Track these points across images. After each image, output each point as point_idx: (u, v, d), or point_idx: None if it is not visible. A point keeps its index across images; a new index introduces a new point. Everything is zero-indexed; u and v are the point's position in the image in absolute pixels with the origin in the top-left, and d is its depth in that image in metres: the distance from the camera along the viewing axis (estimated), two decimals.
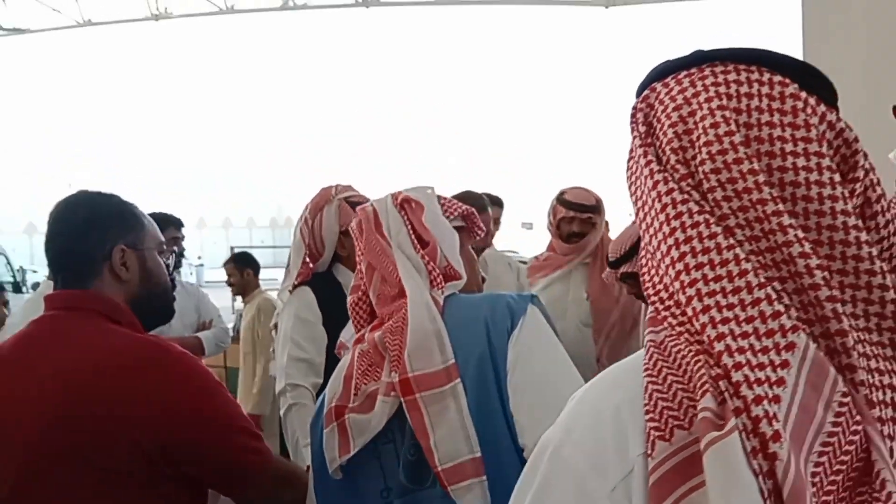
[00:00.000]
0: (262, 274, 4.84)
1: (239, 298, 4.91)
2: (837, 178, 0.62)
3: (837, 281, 0.60)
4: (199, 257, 37.45)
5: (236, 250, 4.95)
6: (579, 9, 12.44)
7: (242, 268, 4.76)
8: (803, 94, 0.64)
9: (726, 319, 0.58)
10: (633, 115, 0.71)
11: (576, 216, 2.90)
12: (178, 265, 3.51)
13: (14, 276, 12.65)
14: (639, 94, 0.72)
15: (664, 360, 0.61)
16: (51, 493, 1.26)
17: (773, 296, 0.58)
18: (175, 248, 3.00)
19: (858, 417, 0.56)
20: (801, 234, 0.60)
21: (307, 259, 2.43)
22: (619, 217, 2.96)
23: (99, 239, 1.39)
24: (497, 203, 3.85)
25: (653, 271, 0.66)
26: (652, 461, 0.56)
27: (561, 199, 2.95)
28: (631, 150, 0.70)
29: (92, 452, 1.24)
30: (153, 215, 1.64)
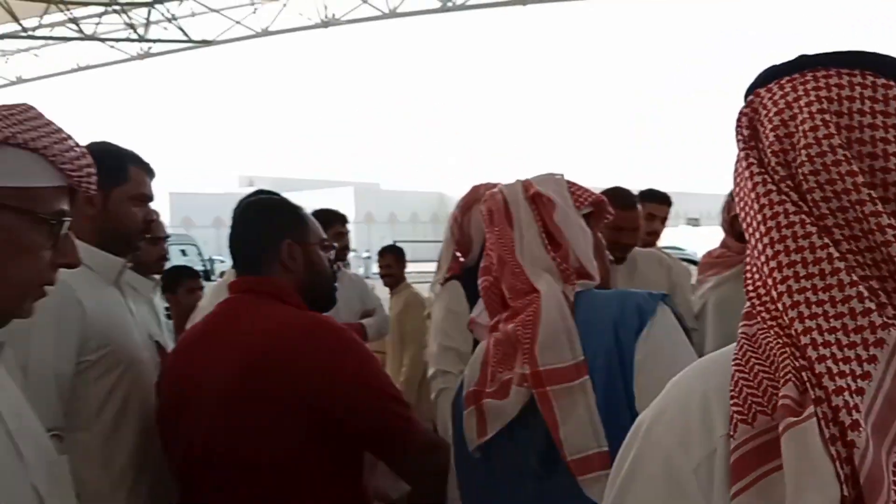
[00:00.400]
0: (424, 267, 4.92)
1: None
2: None
3: None
4: (367, 251, 39.22)
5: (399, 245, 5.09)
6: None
7: (396, 260, 4.87)
8: None
9: (815, 315, 0.61)
10: (738, 120, 0.72)
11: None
12: (340, 258, 3.72)
13: (204, 265, 13.90)
14: (745, 98, 0.73)
15: (753, 351, 0.64)
16: (236, 439, 1.47)
17: (865, 294, 0.60)
18: (336, 244, 3.18)
19: None
20: None
21: (457, 254, 2.52)
22: None
23: (270, 235, 1.61)
24: (664, 201, 3.67)
25: (753, 269, 0.68)
26: (734, 442, 0.60)
27: None
28: (737, 156, 0.72)
29: (268, 408, 1.45)
30: (322, 212, 1.78)
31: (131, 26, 15.34)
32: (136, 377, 1.68)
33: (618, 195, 2.92)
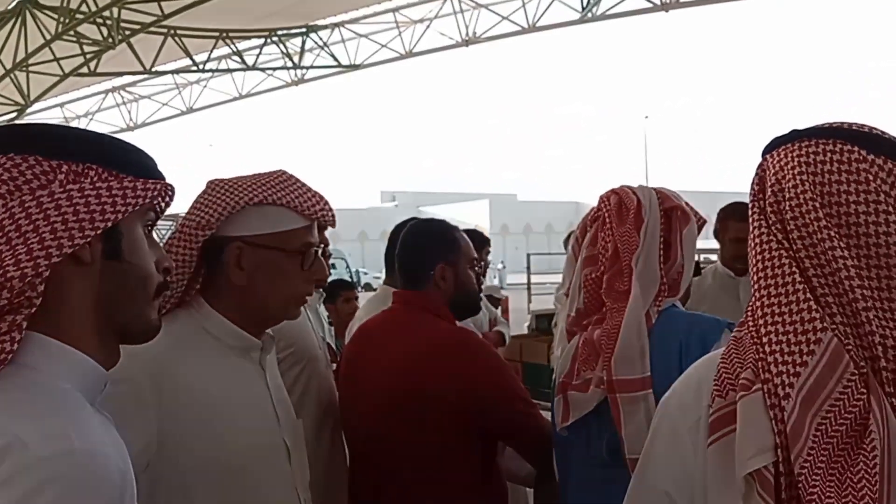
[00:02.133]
0: (558, 278, 5.11)
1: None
2: (893, 217, 0.84)
3: (884, 295, 0.83)
4: (503, 262, 39.49)
5: (533, 257, 5.30)
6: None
7: None
8: (870, 157, 0.87)
9: (776, 322, 0.86)
10: (753, 179, 0.97)
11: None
12: (483, 274, 4.07)
13: (351, 277, 14.66)
14: (762, 157, 0.99)
15: (736, 348, 0.90)
16: (399, 426, 1.80)
17: (815, 307, 0.84)
18: (483, 262, 3.56)
19: (864, 390, 0.80)
20: (850, 262, 0.83)
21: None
22: None
23: (428, 259, 1.94)
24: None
25: (752, 287, 0.91)
26: (711, 409, 0.88)
27: None
28: (750, 204, 0.97)
29: (421, 408, 1.78)
30: (469, 233, 2.17)
31: (287, 55, 16.55)
32: (314, 370, 2.07)
33: (738, 209, 3.08)
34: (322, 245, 1.52)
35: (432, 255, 1.93)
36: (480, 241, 4.20)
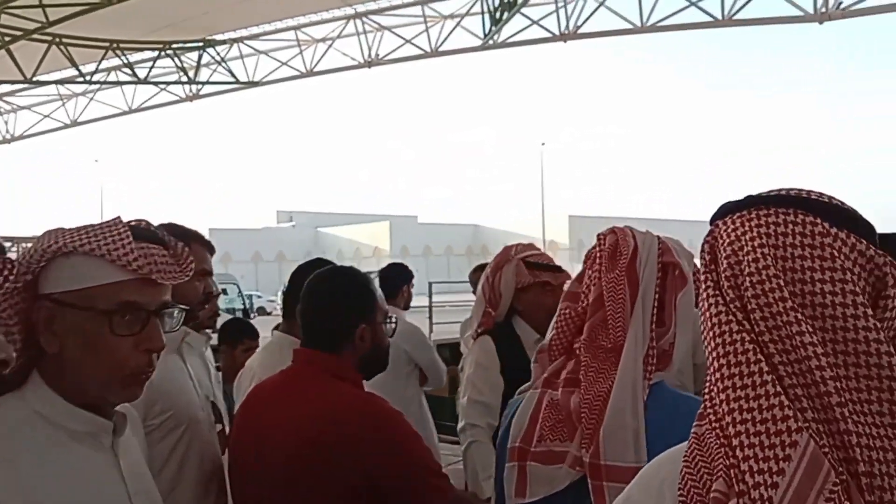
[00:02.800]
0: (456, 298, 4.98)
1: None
2: (860, 299, 0.75)
3: (852, 385, 0.73)
4: None
5: (434, 281, 5.14)
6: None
7: None
8: (833, 231, 0.78)
9: (745, 420, 0.74)
10: (702, 246, 0.88)
11: None
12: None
13: (244, 302, 14.18)
14: (710, 223, 0.89)
15: (699, 449, 0.79)
16: (295, 500, 1.64)
17: (786, 402, 0.73)
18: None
19: (847, 503, 0.69)
20: (819, 350, 0.73)
21: (488, 309, 2.71)
22: None
23: (347, 320, 1.75)
24: None
25: (708, 374, 0.81)
26: None
27: None
28: (701, 275, 0.87)
29: (320, 478, 1.61)
30: (393, 269, 1.94)
31: (182, 69, 16.05)
32: (196, 434, 1.86)
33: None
34: (169, 304, 1.22)
35: (351, 315, 1.75)
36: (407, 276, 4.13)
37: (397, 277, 4.22)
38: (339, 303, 1.77)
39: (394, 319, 1.85)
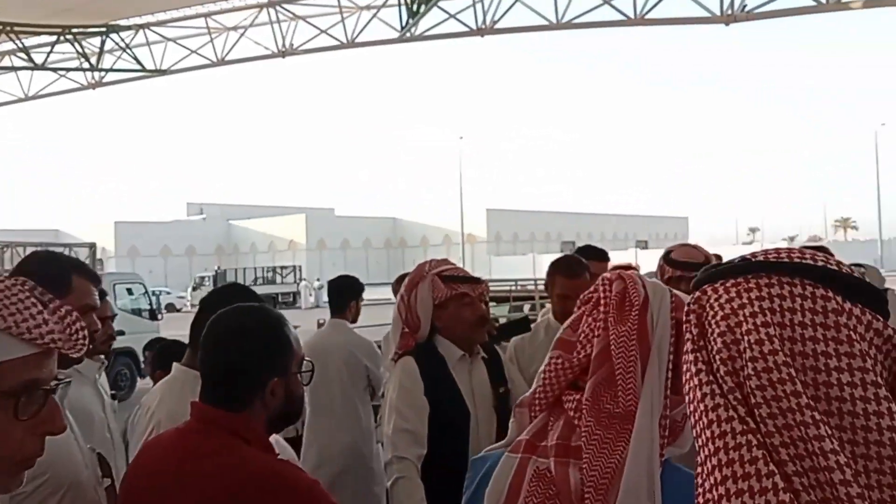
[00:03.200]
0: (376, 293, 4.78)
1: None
2: (883, 392, 0.63)
3: (875, 497, 0.61)
4: (318, 279, 38.89)
5: (351, 273, 4.91)
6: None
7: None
8: (847, 306, 0.66)
9: None
10: (686, 315, 0.73)
11: (683, 275, 2.54)
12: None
13: (151, 304, 13.19)
14: (693, 290, 0.75)
15: None
16: None
17: None
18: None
19: None
20: (842, 459, 0.61)
21: (406, 330, 2.58)
22: None
23: (258, 374, 1.50)
24: (603, 258, 3.67)
25: (700, 469, 0.67)
26: None
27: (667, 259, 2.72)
28: (686, 349, 0.72)
29: None
30: (343, 282, 1.69)
31: (84, 56, 15.27)
32: (77, 498, 1.61)
33: (566, 264, 3.05)
34: (59, 377, 1.04)
35: (262, 369, 1.51)
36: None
37: (347, 292, 4.14)
38: (247, 355, 1.51)
39: (311, 366, 1.61)
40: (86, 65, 15.40)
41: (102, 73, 15.88)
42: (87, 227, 52.56)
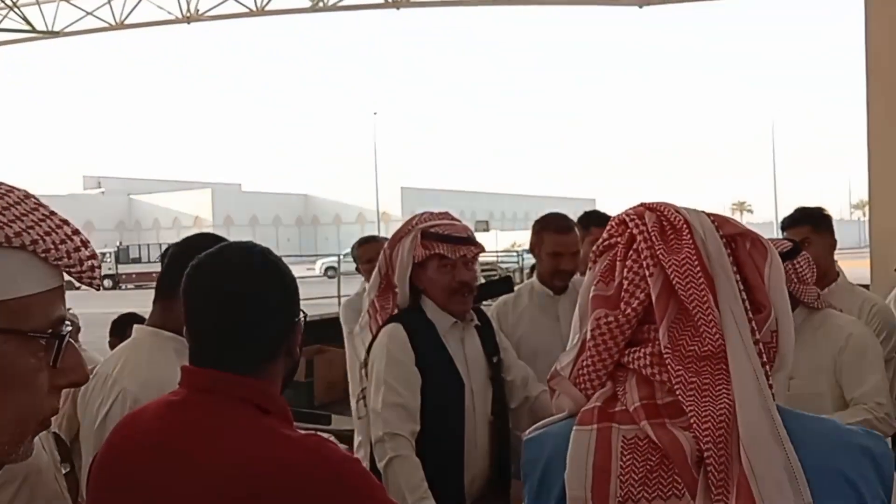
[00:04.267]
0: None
1: None
2: None
3: None
4: None
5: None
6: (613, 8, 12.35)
7: None
8: None
9: None
10: None
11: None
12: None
13: None
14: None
15: None
16: None
17: None
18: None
19: None
20: None
21: (396, 290, 2.29)
22: None
23: (280, 323, 1.21)
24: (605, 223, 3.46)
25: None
26: None
27: None
28: None
29: None
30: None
31: None
32: (36, 489, 1.30)
33: (554, 220, 2.84)
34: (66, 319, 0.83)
35: (286, 315, 1.22)
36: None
37: None
38: (265, 301, 1.20)
39: (305, 313, 1.31)
40: None
41: None
42: None
